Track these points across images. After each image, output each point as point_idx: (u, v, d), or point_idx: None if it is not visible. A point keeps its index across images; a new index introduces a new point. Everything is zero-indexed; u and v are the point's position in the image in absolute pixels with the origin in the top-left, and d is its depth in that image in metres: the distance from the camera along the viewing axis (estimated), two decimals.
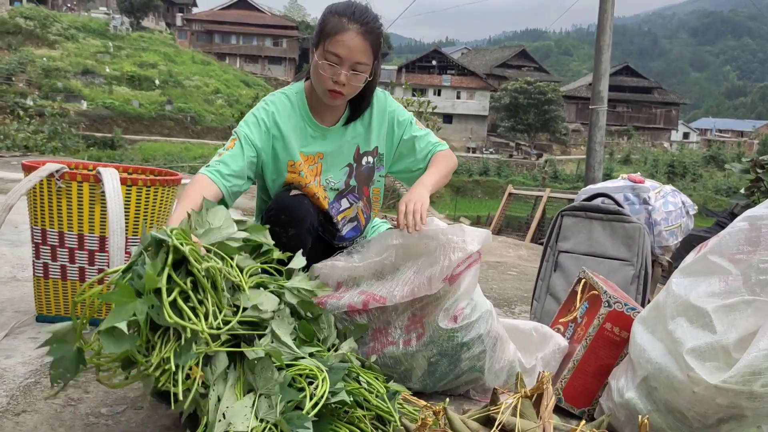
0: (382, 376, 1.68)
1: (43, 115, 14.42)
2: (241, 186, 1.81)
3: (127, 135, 30.03)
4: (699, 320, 1.43)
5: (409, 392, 1.68)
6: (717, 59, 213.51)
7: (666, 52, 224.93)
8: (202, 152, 26.60)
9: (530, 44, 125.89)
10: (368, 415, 1.49)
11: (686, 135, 59.63)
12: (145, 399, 1.55)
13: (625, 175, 2.69)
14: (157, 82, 36.46)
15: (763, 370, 1.29)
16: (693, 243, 2.30)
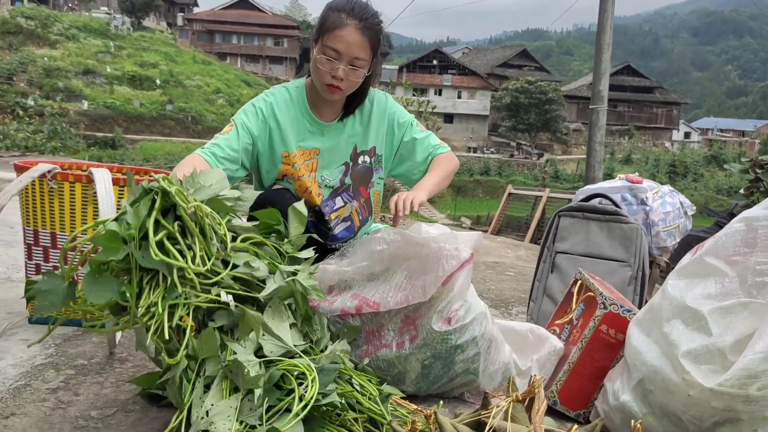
0: (375, 378, 1.67)
1: (42, 115, 14.41)
2: (234, 171, 1.82)
3: (128, 135, 30.03)
4: (695, 322, 1.41)
5: (403, 395, 1.67)
6: (718, 59, 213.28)
7: (667, 52, 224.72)
8: None
9: (531, 44, 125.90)
10: (360, 418, 1.48)
11: (687, 135, 59.54)
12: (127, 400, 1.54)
13: (622, 175, 2.67)
14: (158, 81, 36.45)
15: (759, 373, 1.27)
16: (691, 243, 2.28)
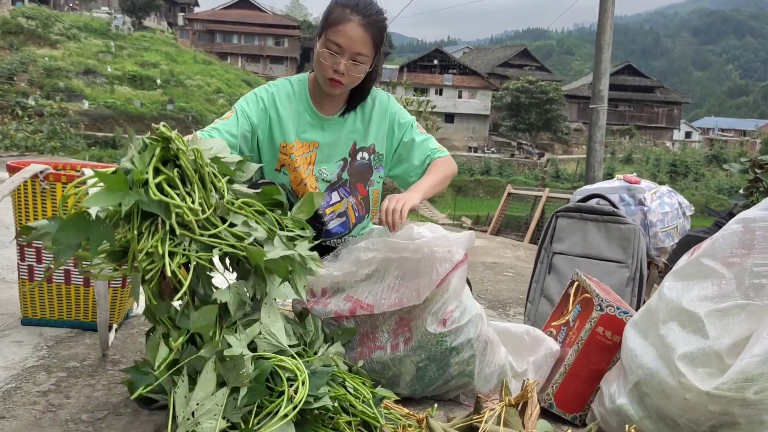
0: (370, 381, 1.65)
1: (42, 115, 14.37)
2: None
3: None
4: (691, 325, 1.40)
5: (398, 398, 1.66)
6: (719, 58, 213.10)
7: (668, 51, 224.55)
8: None
9: (532, 43, 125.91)
10: (354, 421, 1.46)
11: (688, 134, 59.45)
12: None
13: (620, 175, 2.65)
14: (158, 81, 36.42)
15: (756, 377, 1.26)
16: (690, 244, 2.26)
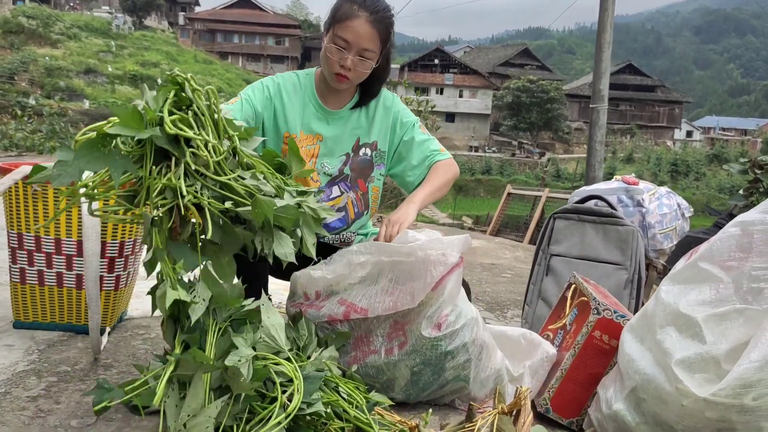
0: (364, 386, 1.63)
1: (41, 115, 14.35)
2: None
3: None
4: (688, 330, 1.38)
5: (392, 402, 1.64)
6: (720, 57, 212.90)
7: (669, 51, 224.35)
8: None
9: (533, 42, 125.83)
10: (347, 427, 1.45)
11: (689, 133, 59.37)
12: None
13: (619, 176, 2.63)
14: (159, 81, 36.44)
15: (754, 383, 1.24)
16: (690, 245, 2.24)
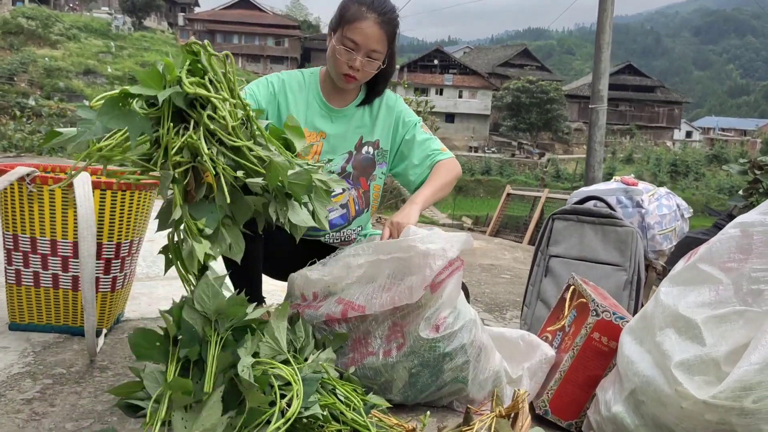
0: (361, 388, 1.62)
1: (41, 116, 14.33)
2: None
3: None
4: (688, 332, 1.37)
5: (390, 405, 1.62)
6: (720, 58, 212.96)
7: (669, 51, 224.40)
8: None
9: (532, 43, 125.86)
10: (344, 429, 1.44)
11: (689, 134, 59.37)
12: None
13: (618, 177, 2.62)
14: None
15: (754, 385, 1.22)
16: (690, 245, 2.23)
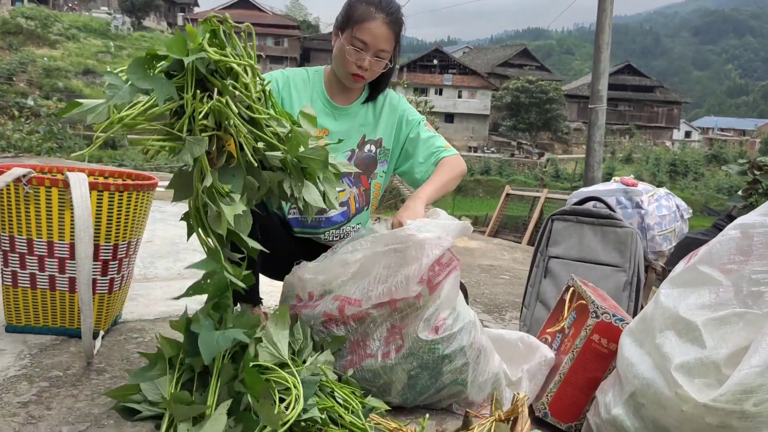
0: (360, 390, 1.62)
1: (39, 116, 14.32)
2: None
3: (129, 135, 29.96)
4: (688, 334, 1.36)
5: (389, 407, 1.62)
6: (719, 58, 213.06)
7: (668, 51, 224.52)
8: None
9: (532, 43, 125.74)
10: None
11: (688, 134, 59.39)
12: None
13: (618, 178, 2.61)
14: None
15: (755, 388, 1.22)
16: (689, 246, 2.22)
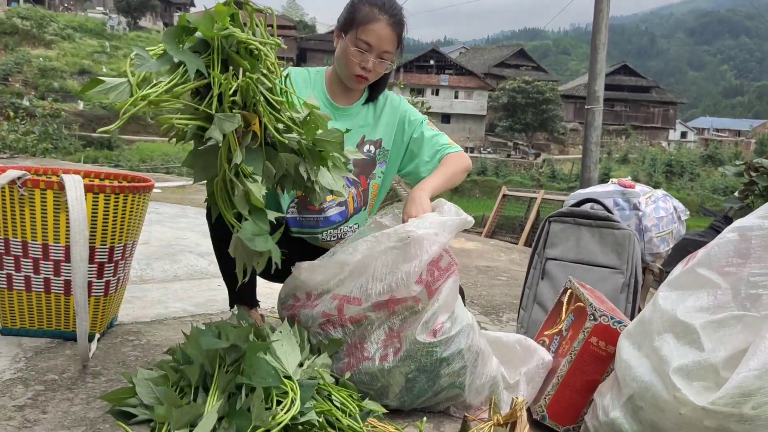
0: (357, 393, 1.61)
1: (35, 116, 14.27)
2: None
3: (125, 135, 29.83)
4: (686, 337, 1.36)
5: (386, 410, 1.61)
6: (714, 58, 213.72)
7: (664, 52, 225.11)
8: None
9: (528, 43, 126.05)
10: None
11: (684, 134, 59.57)
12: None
13: (615, 179, 2.61)
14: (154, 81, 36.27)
15: (753, 391, 1.21)
16: (686, 247, 2.22)
